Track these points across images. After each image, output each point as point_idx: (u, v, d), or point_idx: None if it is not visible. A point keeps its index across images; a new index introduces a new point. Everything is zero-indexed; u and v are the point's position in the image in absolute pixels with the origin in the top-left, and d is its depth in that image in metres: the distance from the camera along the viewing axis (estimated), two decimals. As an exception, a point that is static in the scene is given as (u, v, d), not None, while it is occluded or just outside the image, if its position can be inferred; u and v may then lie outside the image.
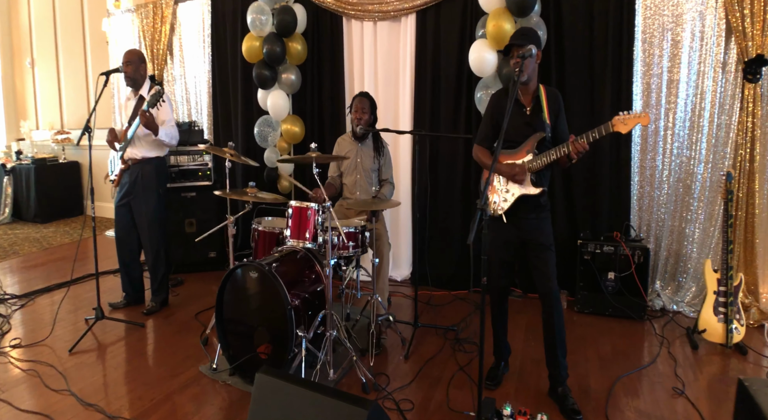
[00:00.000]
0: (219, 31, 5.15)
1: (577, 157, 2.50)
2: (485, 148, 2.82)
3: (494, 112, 2.74)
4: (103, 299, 4.10)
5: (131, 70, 3.71)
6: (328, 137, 4.74)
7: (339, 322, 3.05)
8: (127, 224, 3.83)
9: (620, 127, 2.41)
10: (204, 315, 3.83)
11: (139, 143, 3.73)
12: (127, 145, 3.71)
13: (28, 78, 7.24)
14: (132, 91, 3.81)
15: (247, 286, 2.90)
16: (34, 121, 7.21)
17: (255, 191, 3.30)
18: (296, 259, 3.16)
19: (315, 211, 3.12)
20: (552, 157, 2.53)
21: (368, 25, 4.50)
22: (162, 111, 3.65)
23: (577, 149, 2.45)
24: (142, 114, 3.47)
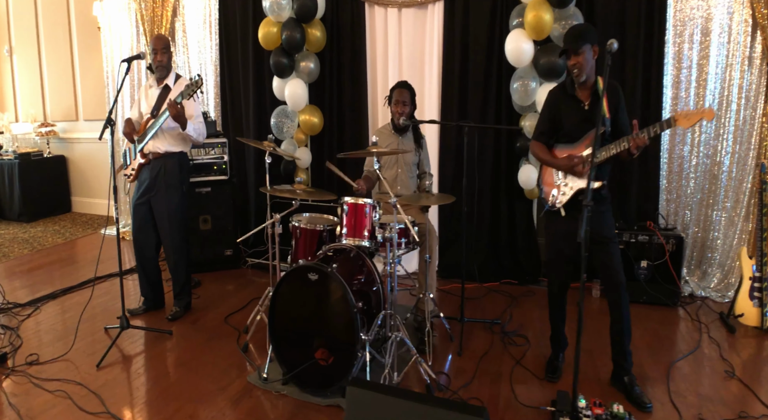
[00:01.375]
0: (228, 16, 4.72)
1: (638, 152, 2.41)
2: (543, 144, 2.72)
3: (552, 108, 2.67)
4: (110, 305, 3.69)
5: (167, 58, 3.32)
6: (349, 128, 4.44)
7: (401, 323, 2.79)
8: (146, 223, 3.44)
9: (683, 122, 2.33)
10: (234, 318, 3.49)
11: (162, 136, 3.33)
12: (150, 137, 3.29)
13: (5, 67, 6.56)
14: (154, 79, 3.38)
15: (305, 289, 2.61)
16: (13, 113, 6.52)
17: (303, 187, 2.97)
18: (350, 258, 2.90)
19: (372, 207, 2.83)
20: (611, 152, 2.45)
21: (392, 12, 4.20)
22: (190, 104, 3.26)
23: (636, 144, 2.37)
24: (172, 105, 3.07)
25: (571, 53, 2.49)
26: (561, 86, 2.70)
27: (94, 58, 5.83)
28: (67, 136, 6.26)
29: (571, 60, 2.50)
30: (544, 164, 2.73)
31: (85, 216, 6.21)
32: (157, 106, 3.35)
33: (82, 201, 6.35)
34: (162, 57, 3.32)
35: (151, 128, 3.30)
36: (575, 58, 2.48)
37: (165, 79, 3.38)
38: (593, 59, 2.53)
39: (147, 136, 3.32)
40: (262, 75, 4.61)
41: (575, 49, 2.46)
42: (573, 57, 2.48)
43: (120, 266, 3.17)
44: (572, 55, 2.48)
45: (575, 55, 2.47)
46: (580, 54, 2.46)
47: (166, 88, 3.38)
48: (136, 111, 3.52)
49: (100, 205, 6.21)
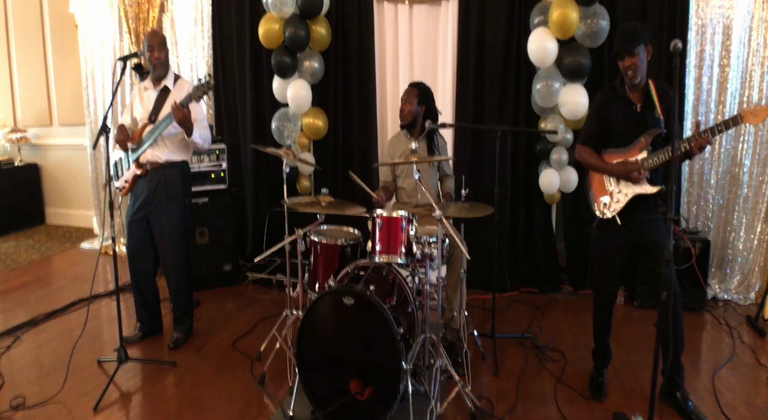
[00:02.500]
0: (222, 12, 4.31)
1: (699, 153, 2.26)
2: (591, 149, 2.53)
3: (601, 111, 2.52)
4: (100, 332, 3.25)
5: (165, 55, 2.93)
6: (356, 131, 4.10)
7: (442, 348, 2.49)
8: (143, 241, 3.02)
9: (750, 119, 2.17)
10: (243, 344, 3.11)
11: (162, 144, 2.92)
12: (147, 145, 2.87)
13: None
14: (151, 80, 2.96)
15: (338, 315, 2.28)
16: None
17: (329, 199, 2.61)
18: (383, 277, 2.57)
19: (408, 220, 2.54)
20: (669, 154, 2.26)
21: (403, 8, 3.89)
22: (195, 106, 2.87)
23: (699, 144, 2.21)
24: (177, 109, 2.67)
25: (625, 54, 2.32)
26: (610, 88, 2.51)
27: (70, 59, 5.29)
28: (40, 142, 5.69)
29: (625, 61, 2.33)
30: (595, 171, 2.53)
31: (61, 228, 5.65)
32: (156, 111, 2.94)
33: (57, 212, 5.79)
34: (159, 54, 2.93)
35: (149, 135, 2.89)
36: (630, 59, 2.32)
37: (163, 80, 2.97)
38: (647, 60, 2.35)
39: (144, 144, 2.91)
40: (261, 75, 4.22)
41: (630, 50, 2.30)
42: (628, 58, 2.32)
43: (117, 288, 2.75)
44: (627, 56, 2.32)
45: (630, 56, 2.31)
46: (636, 55, 2.31)
47: (165, 90, 2.97)
48: (128, 116, 3.09)
49: (77, 217, 5.67)
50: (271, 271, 4.03)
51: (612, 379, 2.68)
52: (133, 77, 4.69)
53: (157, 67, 2.92)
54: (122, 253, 4.55)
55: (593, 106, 2.58)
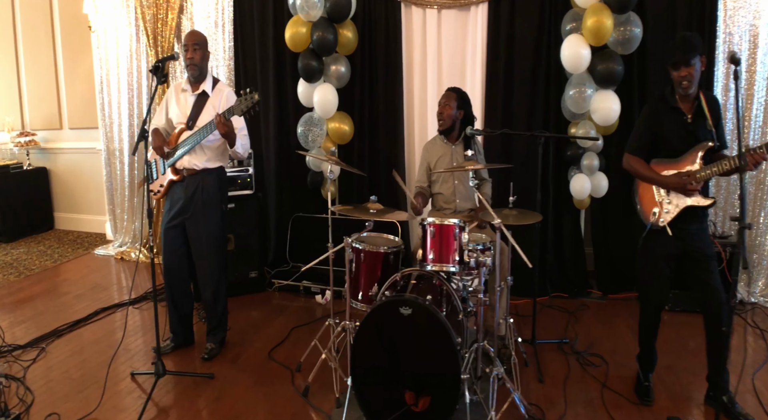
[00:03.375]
0: (244, 14, 4.17)
1: (754, 169, 2.23)
2: (641, 159, 2.49)
3: (652, 120, 2.47)
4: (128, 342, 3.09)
5: (199, 56, 2.77)
6: (382, 136, 4.00)
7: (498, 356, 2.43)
8: (178, 249, 2.88)
9: None
10: (278, 353, 2.98)
11: (201, 151, 2.79)
12: (185, 152, 2.73)
13: None
14: (189, 82, 2.81)
15: (395, 325, 2.20)
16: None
17: (378, 206, 2.50)
18: (433, 285, 2.47)
19: (461, 227, 2.44)
20: (724, 168, 2.24)
21: (431, 12, 3.80)
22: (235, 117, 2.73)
23: (755, 160, 2.16)
24: (222, 124, 2.54)
25: (682, 65, 2.28)
26: (661, 98, 2.47)
27: (82, 61, 5.10)
28: (49, 146, 5.47)
29: (681, 71, 2.29)
30: (646, 181, 2.48)
31: (71, 234, 5.44)
32: (194, 116, 2.80)
33: (67, 217, 5.57)
34: (193, 54, 2.77)
35: (187, 142, 2.74)
36: (686, 69, 2.28)
37: (201, 84, 2.82)
38: (701, 70, 2.32)
39: (181, 150, 2.76)
40: (284, 79, 4.09)
41: (687, 61, 2.27)
42: (684, 68, 2.29)
43: (155, 298, 2.59)
44: (683, 67, 2.29)
45: (686, 66, 2.28)
46: (692, 65, 2.27)
47: (203, 95, 2.82)
48: (163, 116, 2.93)
49: (87, 222, 5.46)
50: (296, 278, 3.89)
51: (656, 384, 2.61)
52: (151, 80, 4.51)
53: (190, 68, 2.78)
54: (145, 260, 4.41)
55: (644, 115, 2.52)
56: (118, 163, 4.74)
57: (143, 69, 4.52)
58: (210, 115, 2.74)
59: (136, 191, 4.52)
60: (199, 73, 2.81)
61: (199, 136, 2.69)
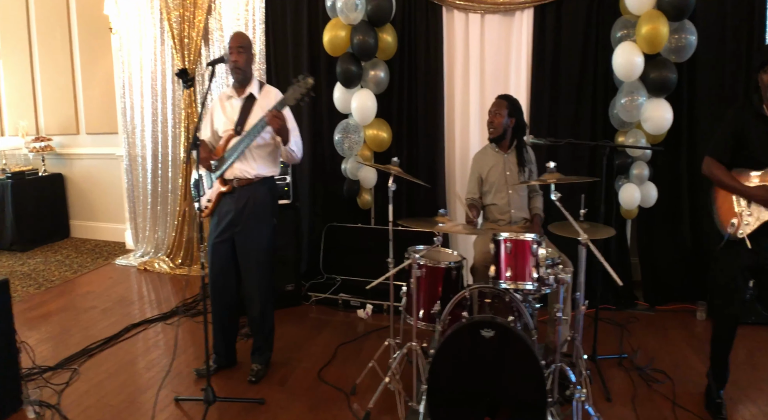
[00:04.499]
0: (276, 16, 3.93)
1: None
2: (722, 165, 2.33)
3: (735, 127, 2.31)
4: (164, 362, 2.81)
5: (244, 59, 2.53)
6: (422, 144, 3.78)
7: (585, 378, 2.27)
8: (227, 265, 2.63)
9: None
10: (328, 374, 2.75)
11: (251, 157, 2.54)
12: (234, 159, 2.48)
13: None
14: (234, 88, 2.57)
15: (475, 348, 2.05)
16: (-3, 125, 5.34)
17: (446, 220, 2.27)
18: (506, 303, 2.31)
19: (537, 242, 2.27)
20: None
21: (474, 17, 3.59)
22: (285, 112, 2.48)
23: None
24: (275, 116, 2.30)
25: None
26: (747, 104, 2.29)
27: (101, 64, 4.81)
28: (65, 151, 5.16)
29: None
30: (727, 190, 2.30)
31: (88, 242, 5.13)
32: (242, 121, 2.55)
33: (83, 225, 5.26)
34: (238, 57, 2.53)
35: (236, 147, 2.49)
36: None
37: (247, 87, 2.58)
38: None
39: (230, 159, 2.51)
40: (318, 84, 3.81)
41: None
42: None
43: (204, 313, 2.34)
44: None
45: None
46: None
47: (251, 99, 2.59)
48: (208, 130, 2.69)
49: (105, 230, 5.16)
50: (333, 291, 3.64)
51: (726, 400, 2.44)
52: (176, 84, 4.25)
53: (235, 71, 2.54)
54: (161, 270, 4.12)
55: (728, 120, 2.34)
56: (141, 169, 4.46)
57: (168, 72, 4.25)
58: (258, 118, 2.49)
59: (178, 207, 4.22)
60: (243, 76, 2.57)
61: (250, 138, 2.44)
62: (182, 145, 4.20)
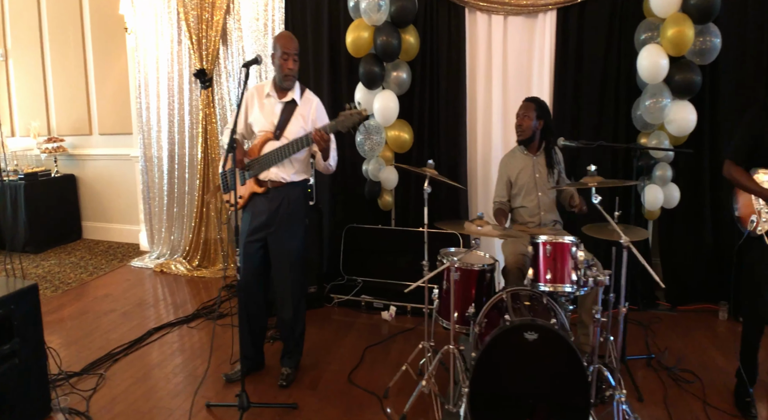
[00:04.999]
0: (296, 16, 3.87)
1: None
2: (741, 167, 2.36)
3: (754, 128, 2.34)
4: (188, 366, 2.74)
5: (297, 66, 2.48)
6: (443, 145, 3.73)
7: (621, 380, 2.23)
8: (258, 266, 2.58)
9: None
10: (358, 377, 2.71)
11: (289, 164, 2.51)
12: (272, 164, 2.42)
13: (0, 74, 5.22)
14: (275, 88, 2.51)
15: (519, 351, 2.03)
16: (8, 126, 5.21)
17: (485, 223, 2.23)
18: (544, 306, 2.28)
19: (576, 244, 2.26)
20: None
21: (497, 19, 3.54)
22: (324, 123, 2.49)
23: None
24: (323, 139, 2.31)
25: None
26: (764, 106, 2.31)
27: (115, 64, 4.72)
28: (77, 152, 5.06)
29: None
30: (746, 191, 2.34)
31: (102, 244, 5.03)
32: (281, 126, 2.48)
33: (95, 226, 5.17)
34: (294, 65, 2.46)
35: (275, 155, 2.45)
36: None
37: (289, 91, 2.51)
38: None
39: (268, 163, 2.45)
40: (339, 84, 3.80)
41: None
42: None
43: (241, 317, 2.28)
44: None
45: None
46: None
47: (292, 104, 2.51)
48: (241, 122, 2.59)
49: (117, 231, 5.07)
50: (355, 293, 3.58)
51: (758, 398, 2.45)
52: (193, 84, 4.17)
53: (289, 78, 2.46)
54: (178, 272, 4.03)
55: (746, 122, 2.37)
56: (156, 170, 4.38)
57: (185, 73, 4.17)
58: (298, 125, 2.48)
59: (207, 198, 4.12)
60: (292, 81, 2.50)
61: (292, 150, 2.40)
62: (200, 146, 4.13)
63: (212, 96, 4.09)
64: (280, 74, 2.46)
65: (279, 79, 2.48)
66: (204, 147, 4.10)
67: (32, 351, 2.30)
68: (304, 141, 2.37)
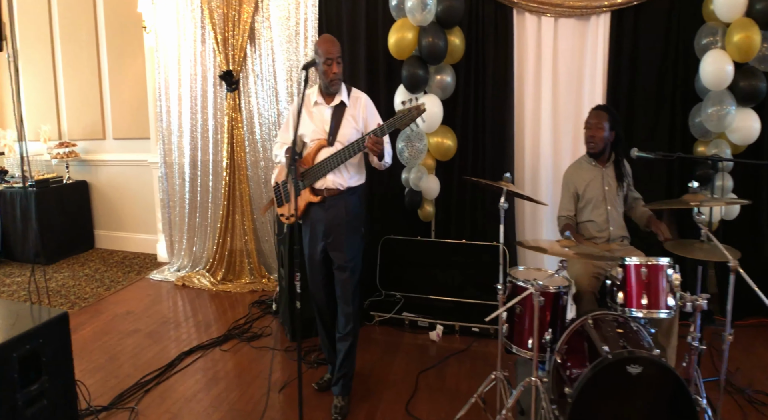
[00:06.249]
0: (331, 14, 3.58)
1: None
2: None
3: None
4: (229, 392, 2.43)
5: (342, 68, 2.26)
6: (489, 152, 3.46)
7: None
8: (323, 276, 2.39)
9: None
10: (416, 407, 2.45)
11: (344, 169, 2.28)
12: (327, 171, 2.15)
13: (5, 75, 4.83)
14: (321, 94, 2.29)
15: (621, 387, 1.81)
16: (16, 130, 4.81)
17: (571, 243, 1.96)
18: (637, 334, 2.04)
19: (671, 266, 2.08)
20: None
21: (547, 21, 3.29)
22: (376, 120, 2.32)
23: None
24: (376, 143, 2.10)
25: None
26: None
27: (131, 65, 4.38)
28: (90, 157, 4.70)
29: None
30: None
31: (116, 254, 4.68)
32: (333, 131, 2.24)
33: (108, 235, 4.81)
34: (339, 69, 2.25)
35: (330, 161, 2.17)
36: None
37: (336, 95, 2.26)
38: None
39: (323, 170, 2.20)
40: (377, 88, 3.51)
41: None
42: None
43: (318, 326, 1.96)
44: None
45: None
46: None
47: (341, 106, 2.26)
48: (291, 134, 2.34)
49: (132, 241, 4.71)
50: (397, 311, 3.28)
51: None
52: (217, 86, 3.84)
53: (335, 83, 2.24)
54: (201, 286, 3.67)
55: None
56: (177, 177, 4.05)
57: (209, 74, 3.84)
58: (350, 126, 2.28)
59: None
60: (338, 84, 2.27)
61: (346, 156, 2.19)
62: (225, 152, 3.80)
63: (239, 99, 3.77)
64: (325, 80, 2.24)
65: (325, 85, 2.27)
66: (230, 153, 3.78)
67: (62, 389, 1.98)
68: (355, 146, 2.17)
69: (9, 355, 1.76)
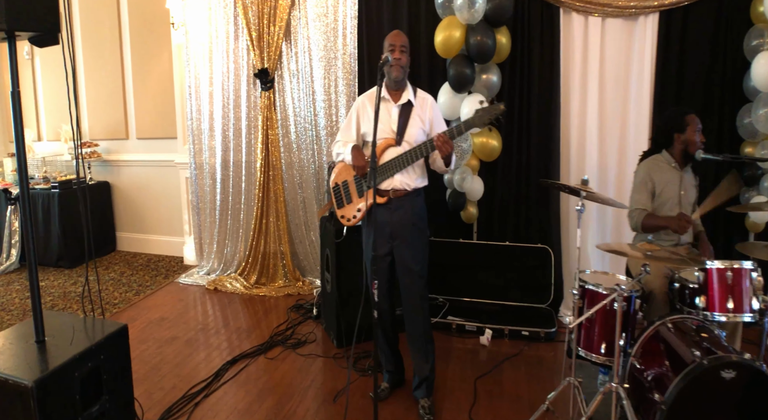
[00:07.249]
0: (371, 13, 3.48)
1: None
2: None
3: None
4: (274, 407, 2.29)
5: (406, 59, 2.19)
6: (534, 153, 3.37)
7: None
8: (385, 284, 2.30)
9: None
10: (479, 414, 2.38)
11: (411, 170, 2.22)
12: (394, 171, 2.10)
13: (26, 74, 4.63)
14: (388, 91, 2.21)
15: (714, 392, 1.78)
16: (35, 130, 4.61)
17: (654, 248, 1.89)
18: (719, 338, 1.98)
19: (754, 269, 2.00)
20: None
21: (594, 21, 3.20)
22: (441, 122, 2.30)
23: None
24: (446, 143, 2.04)
25: None
26: None
27: (157, 62, 4.21)
28: (112, 157, 4.52)
29: None
30: None
31: (139, 257, 4.50)
32: (401, 131, 2.18)
33: (131, 237, 4.63)
34: (402, 56, 2.17)
35: (398, 161, 2.11)
36: None
37: (402, 92, 2.21)
38: None
39: (391, 170, 2.18)
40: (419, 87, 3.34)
41: None
42: None
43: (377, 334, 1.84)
44: None
45: None
46: None
47: (408, 105, 2.19)
48: (353, 133, 2.35)
49: (156, 243, 4.55)
50: (442, 315, 3.16)
51: None
52: (251, 85, 3.69)
53: (397, 69, 2.15)
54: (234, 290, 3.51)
55: None
56: (208, 178, 3.89)
57: (242, 72, 3.70)
58: (417, 127, 2.21)
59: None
60: (404, 75, 2.20)
61: (416, 156, 2.13)
62: (259, 152, 3.65)
63: (274, 98, 3.63)
64: (389, 70, 2.15)
65: (389, 77, 2.18)
66: (265, 154, 3.64)
67: (122, 408, 1.84)
68: (425, 147, 2.10)
69: (71, 375, 1.63)
